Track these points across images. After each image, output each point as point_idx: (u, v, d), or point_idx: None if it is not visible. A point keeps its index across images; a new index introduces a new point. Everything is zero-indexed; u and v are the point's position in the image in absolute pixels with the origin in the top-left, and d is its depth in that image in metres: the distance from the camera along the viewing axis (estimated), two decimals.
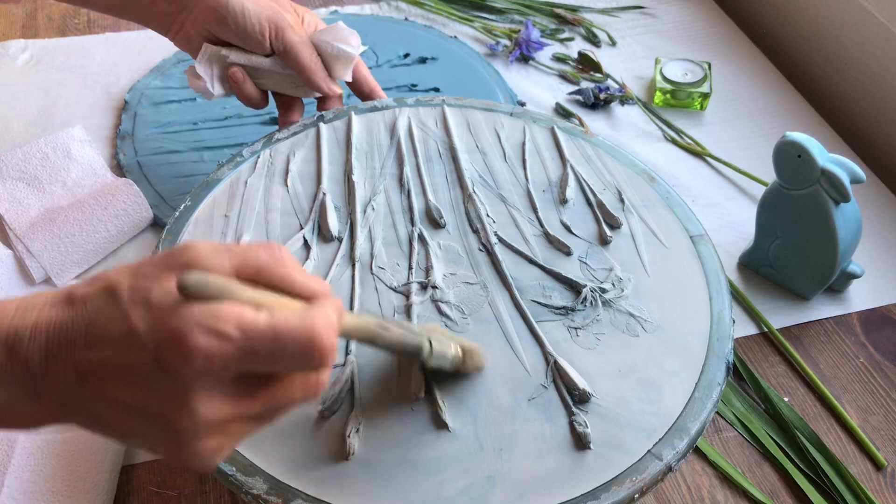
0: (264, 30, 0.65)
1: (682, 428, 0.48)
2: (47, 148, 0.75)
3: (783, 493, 0.58)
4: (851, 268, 0.68)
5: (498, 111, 0.69)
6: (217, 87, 0.67)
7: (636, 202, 0.61)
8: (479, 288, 0.56)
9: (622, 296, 0.55)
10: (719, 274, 0.57)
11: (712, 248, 0.58)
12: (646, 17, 1.00)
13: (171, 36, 0.68)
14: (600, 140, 0.66)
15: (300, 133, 0.66)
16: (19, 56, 0.90)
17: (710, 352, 0.52)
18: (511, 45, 0.92)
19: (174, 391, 0.34)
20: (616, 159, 0.65)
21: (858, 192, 0.66)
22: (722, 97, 0.89)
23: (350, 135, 0.66)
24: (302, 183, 0.63)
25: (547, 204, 0.61)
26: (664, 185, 0.63)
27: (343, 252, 0.58)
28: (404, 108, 0.69)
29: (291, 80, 0.68)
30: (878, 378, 0.65)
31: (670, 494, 0.58)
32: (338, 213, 0.61)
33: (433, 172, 0.64)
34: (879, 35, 0.85)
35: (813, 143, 0.63)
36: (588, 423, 0.48)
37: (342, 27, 0.67)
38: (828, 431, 0.61)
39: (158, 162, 0.78)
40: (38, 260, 0.67)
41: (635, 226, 0.60)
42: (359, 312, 0.54)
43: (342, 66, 0.68)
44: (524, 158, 0.65)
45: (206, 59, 0.66)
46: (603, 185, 0.63)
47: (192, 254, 0.36)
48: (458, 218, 0.61)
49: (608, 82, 0.89)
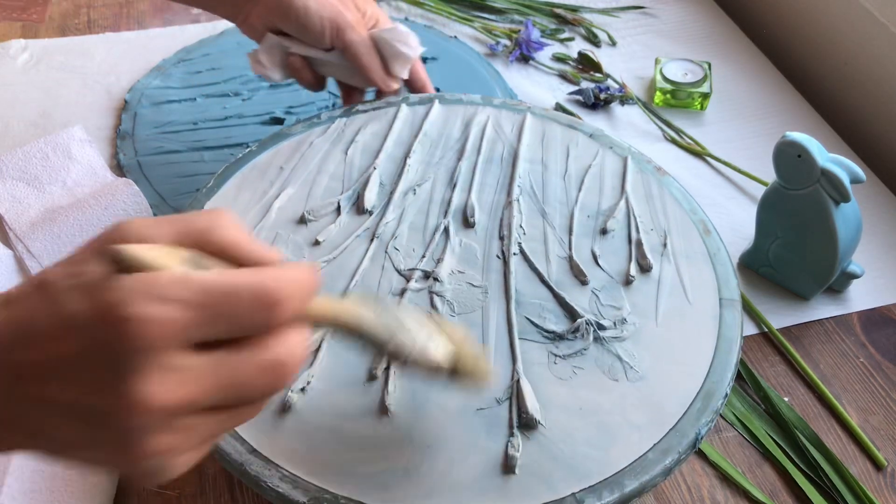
0: (325, 28, 0.67)
1: (617, 482, 0.46)
2: (47, 148, 0.75)
3: (783, 493, 0.58)
4: (851, 268, 0.68)
5: (579, 129, 0.68)
6: (277, 72, 0.70)
7: (679, 250, 0.59)
8: (479, 291, 0.56)
9: (619, 337, 0.53)
10: (734, 345, 0.53)
11: (739, 316, 0.55)
12: (646, 17, 1.00)
13: (238, 24, 0.71)
14: (670, 180, 0.64)
15: (381, 109, 0.69)
16: (19, 56, 0.90)
17: (685, 419, 0.49)
18: (511, 45, 0.92)
19: (115, 377, 0.30)
20: (678, 202, 0.62)
21: (858, 192, 0.66)
22: (722, 97, 0.89)
23: (425, 121, 0.67)
24: (361, 155, 0.65)
25: (586, 230, 0.60)
26: (717, 240, 0.60)
27: (368, 226, 0.60)
28: (488, 107, 0.69)
29: (350, 71, 0.70)
30: (878, 378, 0.65)
31: (670, 494, 0.58)
32: (380, 189, 0.62)
33: (487, 173, 0.64)
34: (879, 35, 0.85)
35: (813, 143, 0.63)
36: (522, 447, 0.47)
37: (401, 28, 0.70)
38: (828, 431, 0.61)
39: (158, 162, 0.78)
40: (38, 260, 0.67)
41: (666, 274, 0.57)
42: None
43: (400, 65, 0.70)
44: (583, 181, 0.63)
45: (268, 48, 0.69)
46: (652, 225, 0.60)
47: (125, 229, 0.32)
48: (492, 222, 0.60)
49: (608, 82, 0.89)
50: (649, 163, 0.65)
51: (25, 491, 0.53)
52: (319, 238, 0.59)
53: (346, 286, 0.56)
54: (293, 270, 0.33)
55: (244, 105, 0.83)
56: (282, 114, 0.82)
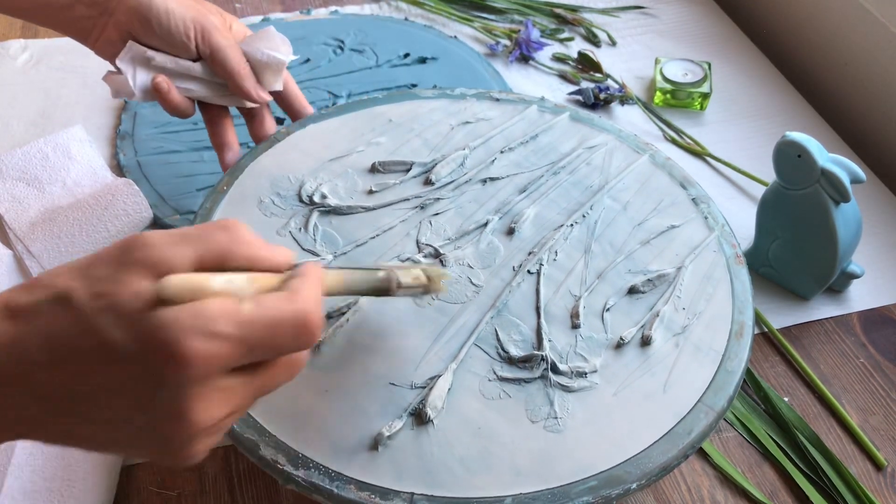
0: (189, 31, 0.62)
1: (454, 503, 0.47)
2: (47, 148, 0.75)
3: (783, 493, 0.58)
4: (851, 268, 0.68)
5: (686, 188, 0.63)
6: (139, 91, 0.63)
7: (694, 340, 0.54)
8: (473, 290, 0.56)
9: (567, 387, 0.51)
10: (670, 453, 0.48)
11: (705, 426, 0.49)
12: (646, 17, 1.00)
13: (91, 43, 0.64)
14: (742, 271, 0.58)
15: (515, 104, 0.70)
16: (19, 56, 0.90)
17: (551, 491, 0.46)
18: (511, 45, 0.92)
19: (167, 402, 0.32)
20: (731, 295, 0.56)
21: (858, 192, 0.66)
22: (722, 97, 0.89)
23: (544, 128, 0.68)
24: (465, 135, 0.67)
25: (617, 280, 0.57)
26: (744, 348, 0.53)
27: (421, 194, 0.62)
28: (612, 135, 0.68)
29: (219, 89, 0.65)
30: (878, 378, 0.65)
31: (670, 494, 0.58)
32: (458, 169, 0.64)
33: (565, 194, 0.63)
34: (879, 35, 0.85)
35: (813, 143, 0.63)
36: (399, 433, 0.48)
37: (273, 33, 0.64)
38: (828, 431, 0.61)
39: (158, 162, 0.78)
40: (38, 260, 0.67)
41: (662, 356, 0.53)
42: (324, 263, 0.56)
43: (272, 75, 0.65)
44: (652, 238, 0.60)
45: (129, 58, 0.63)
46: (687, 304, 0.56)
47: (150, 250, 0.33)
48: (534, 237, 0.60)
49: (608, 82, 0.89)
50: (734, 248, 0.59)
51: (26, 491, 0.53)
52: (374, 188, 0.62)
53: (366, 238, 0.59)
54: (316, 288, 0.36)
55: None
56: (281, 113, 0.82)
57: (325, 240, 0.59)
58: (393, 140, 0.66)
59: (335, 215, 0.61)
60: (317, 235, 0.59)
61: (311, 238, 0.59)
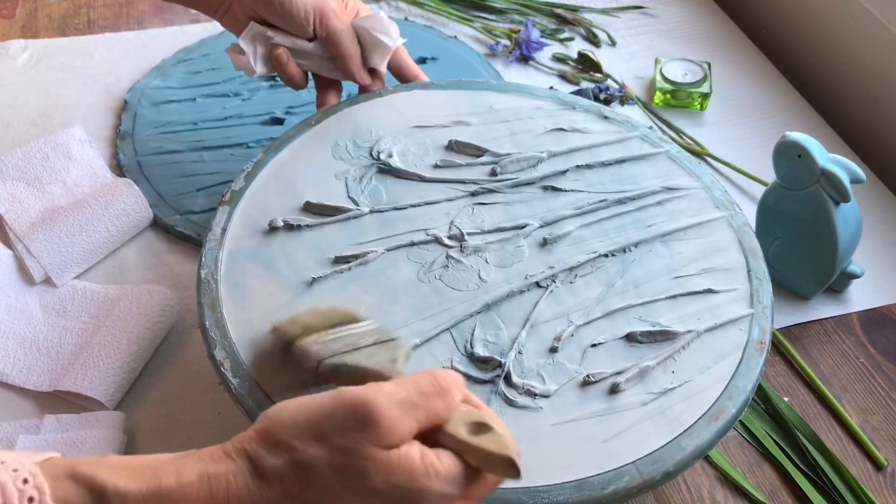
0: (309, 16, 0.67)
1: None
2: (47, 148, 0.75)
3: (783, 493, 0.58)
4: (851, 268, 0.68)
5: (749, 258, 0.59)
6: (259, 64, 0.69)
7: (660, 406, 0.50)
8: (475, 284, 0.56)
9: (511, 401, 0.50)
10: (590, 495, 0.46)
11: (620, 488, 0.47)
12: (646, 17, 1.00)
13: (219, 17, 0.70)
14: (759, 361, 0.53)
15: (624, 126, 0.68)
16: (19, 56, 0.90)
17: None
18: (511, 45, 0.92)
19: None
20: (726, 384, 0.52)
21: (858, 192, 0.66)
22: (722, 97, 0.89)
23: (634, 157, 0.65)
24: (557, 142, 0.66)
25: (620, 326, 0.54)
26: (701, 440, 0.49)
27: (480, 181, 0.63)
28: (704, 187, 0.63)
29: (329, 63, 0.70)
30: (878, 378, 0.65)
31: (670, 494, 0.58)
32: (530, 169, 0.64)
33: (618, 224, 0.60)
34: (879, 35, 0.85)
35: (813, 143, 0.63)
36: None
37: (383, 17, 0.69)
38: (828, 431, 0.61)
39: (158, 162, 0.78)
40: (38, 260, 0.67)
41: (622, 409, 0.50)
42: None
43: (379, 56, 0.70)
44: (682, 293, 0.56)
45: (251, 37, 0.69)
46: (675, 374, 0.52)
47: (382, 425, 0.37)
48: (565, 256, 0.58)
49: (608, 82, 0.89)
50: (763, 332, 0.54)
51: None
52: (440, 163, 0.64)
53: (407, 204, 0.61)
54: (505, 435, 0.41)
55: (244, 105, 0.83)
56: (282, 114, 0.82)
57: (371, 194, 0.61)
58: (483, 125, 0.67)
59: (392, 176, 0.63)
60: (367, 189, 0.62)
61: (360, 189, 0.62)
